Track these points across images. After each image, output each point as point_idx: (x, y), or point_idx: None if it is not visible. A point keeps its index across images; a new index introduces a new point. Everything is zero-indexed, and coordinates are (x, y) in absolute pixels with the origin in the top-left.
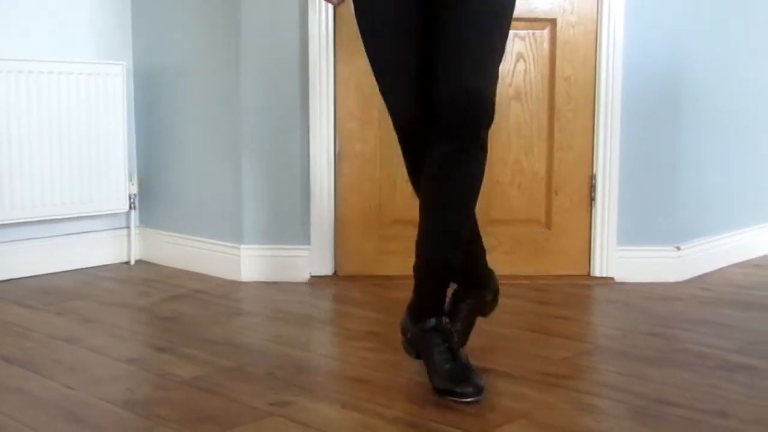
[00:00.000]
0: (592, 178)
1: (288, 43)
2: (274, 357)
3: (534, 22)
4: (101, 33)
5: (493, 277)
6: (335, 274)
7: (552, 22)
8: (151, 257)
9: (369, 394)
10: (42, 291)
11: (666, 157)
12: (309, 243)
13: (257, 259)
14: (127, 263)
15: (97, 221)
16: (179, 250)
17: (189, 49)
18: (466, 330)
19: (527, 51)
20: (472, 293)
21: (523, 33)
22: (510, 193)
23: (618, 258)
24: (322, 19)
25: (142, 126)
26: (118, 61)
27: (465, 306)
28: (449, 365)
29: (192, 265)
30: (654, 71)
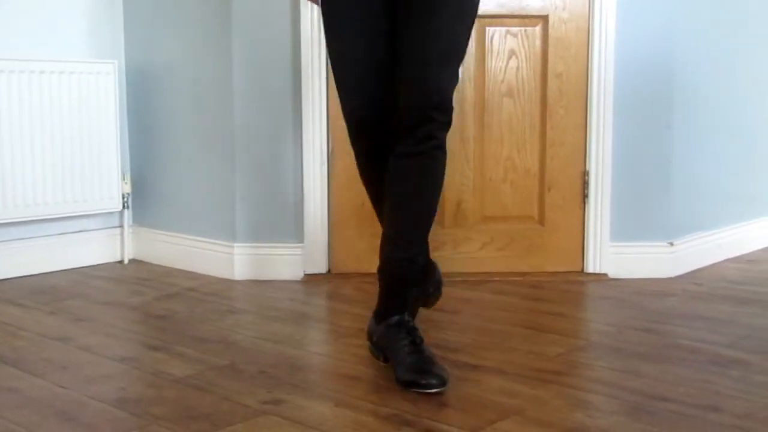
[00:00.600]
0: (584, 174)
1: (280, 42)
2: (267, 355)
3: (526, 18)
4: (93, 32)
5: (437, 270)
6: (329, 271)
7: (544, 18)
8: (145, 256)
9: (362, 391)
10: (35, 290)
11: (659, 153)
12: (302, 241)
13: (250, 258)
14: (121, 262)
15: (90, 220)
16: (172, 248)
17: (181, 48)
18: None
19: (519, 48)
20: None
21: (515, 30)
22: (503, 190)
23: (611, 254)
24: (314, 18)
25: (134, 125)
26: (110, 60)
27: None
28: (412, 357)
29: (185, 264)
30: (646, 67)
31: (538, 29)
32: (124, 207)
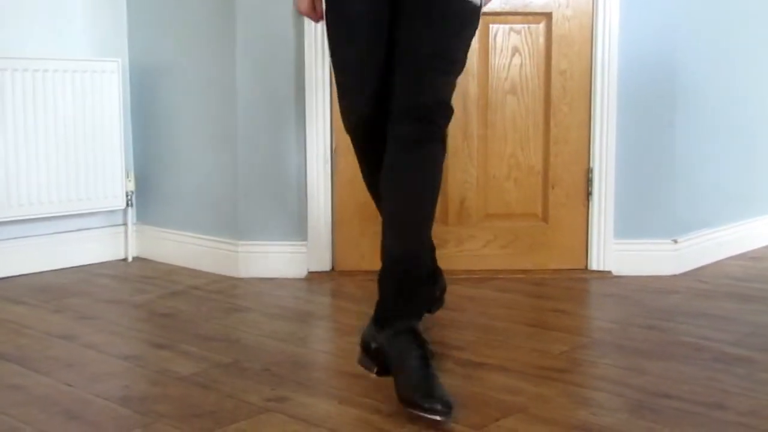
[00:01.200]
0: (588, 171)
1: (283, 40)
2: (271, 353)
3: (529, 16)
4: (96, 30)
5: (442, 275)
6: (332, 269)
7: (547, 16)
8: (149, 254)
9: (366, 389)
10: (39, 288)
11: (662, 151)
12: (306, 239)
13: (254, 256)
14: (125, 260)
15: (94, 218)
16: (176, 246)
17: (184, 46)
18: None
19: (523, 45)
20: None
21: (519, 27)
22: (506, 188)
23: (615, 251)
24: None
25: (138, 123)
26: (113, 58)
27: None
28: (419, 375)
29: (189, 262)
30: (650, 65)
31: (541, 26)
32: (127, 205)
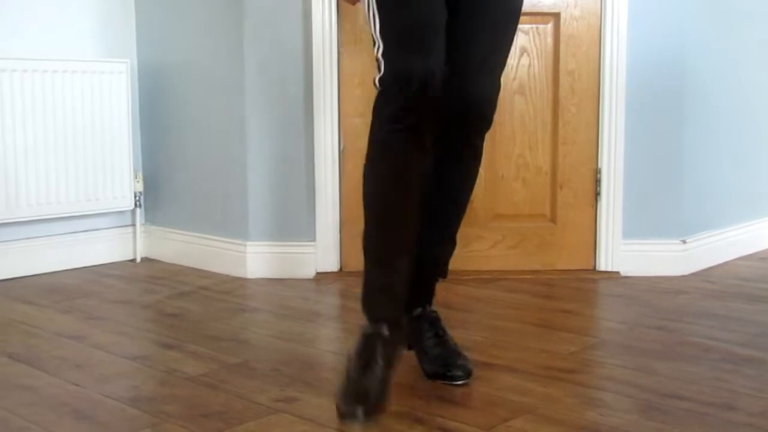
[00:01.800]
0: (596, 172)
1: (292, 40)
2: (279, 353)
3: (538, 16)
4: (105, 31)
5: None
6: (341, 270)
7: (555, 16)
8: (157, 254)
9: None
10: (48, 289)
11: (671, 151)
12: (314, 239)
13: (263, 256)
14: (133, 261)
15: (103, 219)
16: (185, 247)
17: (193, 46)
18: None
19: (531, 45)
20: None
21: (527, 27)
22: (514, 188)
23: (623, 252)
24: (325, 15)
25: (146, 123)
26: (122, 59)
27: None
28: (438, 350)
29: (197, 262)
30: (658, 65)
31: (549, 27)
32: (136, 205)
